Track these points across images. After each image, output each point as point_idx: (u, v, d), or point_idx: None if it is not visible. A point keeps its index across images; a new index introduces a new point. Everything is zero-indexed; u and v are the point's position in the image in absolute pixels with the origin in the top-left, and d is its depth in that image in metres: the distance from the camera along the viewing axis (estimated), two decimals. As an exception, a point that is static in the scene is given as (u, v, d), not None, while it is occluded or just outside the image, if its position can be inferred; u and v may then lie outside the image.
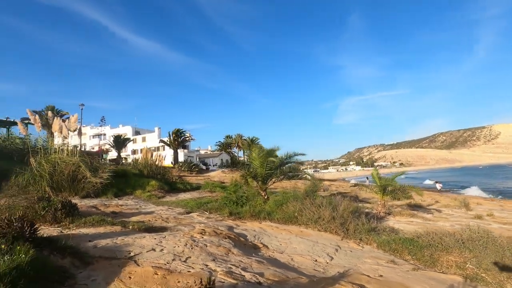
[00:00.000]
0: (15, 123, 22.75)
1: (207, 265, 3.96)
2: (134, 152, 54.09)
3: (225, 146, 61.77)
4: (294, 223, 7.40)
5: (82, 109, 27.27)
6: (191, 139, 45.87)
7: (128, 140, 39.76)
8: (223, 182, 20.69)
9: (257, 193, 9.55)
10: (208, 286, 2.20)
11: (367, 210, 9.69)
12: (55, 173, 10.19)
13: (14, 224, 4.16)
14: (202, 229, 5.78)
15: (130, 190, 11.46)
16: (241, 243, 5.42)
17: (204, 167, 47.96)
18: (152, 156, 15.27)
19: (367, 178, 33.52)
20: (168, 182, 13.86)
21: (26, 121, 26.76)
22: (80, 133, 10.96)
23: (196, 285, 2.25)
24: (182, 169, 34.44)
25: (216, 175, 36.88)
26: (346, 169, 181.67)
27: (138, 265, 3.86)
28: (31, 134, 21.67)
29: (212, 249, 4.66)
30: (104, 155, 36.16)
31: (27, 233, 4.27)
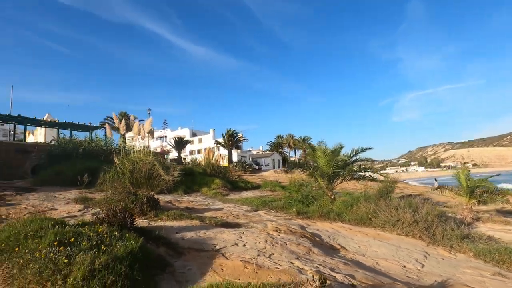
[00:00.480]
0: (97, 128, 25.96)
1: (292, 263, 3.91)
2: (191, 152, 57.45)
3: (276, 146, 61.89)
4: (368, 225, 6.97)
5: (149, 113, 30.01)
6: (244, 139, 46.98)
7: (187, 141, 42.43)
8: (279, 182, 20.69)
9: (322, 193, 9.27)
10: (320, 285, 2.12)
11: (449, 215, 8.66)
12: (135, 171, 11.29)
13: (118, 214, 4.69)
14: (276, 227, 5.78)
15: (197, 188, 12.16)
16: (317, 243, 5.28)
17: (256, 167, 48.72)
18: (213, 156, 16.04)
19: (435, 179, 30.25)
20: (229, 181, 14.39)
21: (104, 125, 30.48)
22: (152, 135, 12.03)
23: (308, 283, 2.18)
24: (237, 168, 35.43)
25: (270, 175, 37.15)
26: (406, 170, 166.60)
27: (227, 258, 4.00)
28: (111, 136, 24.50)
29: (292, 247, 4.61)
30: (165, 155, 39.24)
31: (128, 223, 4.77)
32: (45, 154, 16.37)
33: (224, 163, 38.13)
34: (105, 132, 27.38)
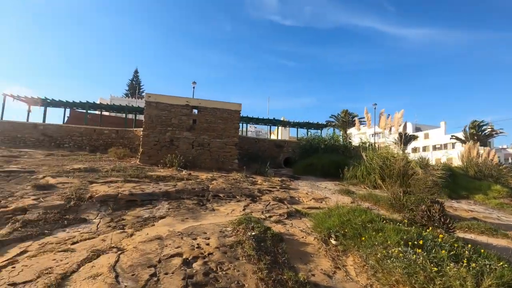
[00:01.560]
0: (325, 126, 28.60)
1: None
2: (414, 150, 50.51)
3: (560, 142, 40.90)
4: None
5: (375, 108, 29.07)
6: (500, 133, 34.63)
7: (414, 137, 37.46)
8: None
9: None
10: None
11: None
12: (384, 166, 10.62)
13: (436, 217, 4.01)
14: None
15: (464, 193, 9.62)
16: None
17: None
18: (478, 154, 12.33)
19: None
20: (512, 188, 10.36)
21: (333, 123, 33.08)
22: (404, 129, 10.88)
23: None
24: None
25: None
26: None
27: None
28: (341, 132, 25.97)
29: None
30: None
31: (445, 228, 3.98)
32: (295, 148, 19.76)
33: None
34: (333, 129, 29.63)
